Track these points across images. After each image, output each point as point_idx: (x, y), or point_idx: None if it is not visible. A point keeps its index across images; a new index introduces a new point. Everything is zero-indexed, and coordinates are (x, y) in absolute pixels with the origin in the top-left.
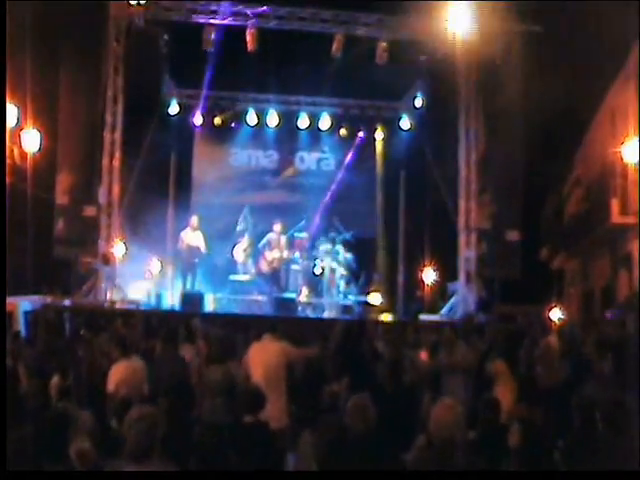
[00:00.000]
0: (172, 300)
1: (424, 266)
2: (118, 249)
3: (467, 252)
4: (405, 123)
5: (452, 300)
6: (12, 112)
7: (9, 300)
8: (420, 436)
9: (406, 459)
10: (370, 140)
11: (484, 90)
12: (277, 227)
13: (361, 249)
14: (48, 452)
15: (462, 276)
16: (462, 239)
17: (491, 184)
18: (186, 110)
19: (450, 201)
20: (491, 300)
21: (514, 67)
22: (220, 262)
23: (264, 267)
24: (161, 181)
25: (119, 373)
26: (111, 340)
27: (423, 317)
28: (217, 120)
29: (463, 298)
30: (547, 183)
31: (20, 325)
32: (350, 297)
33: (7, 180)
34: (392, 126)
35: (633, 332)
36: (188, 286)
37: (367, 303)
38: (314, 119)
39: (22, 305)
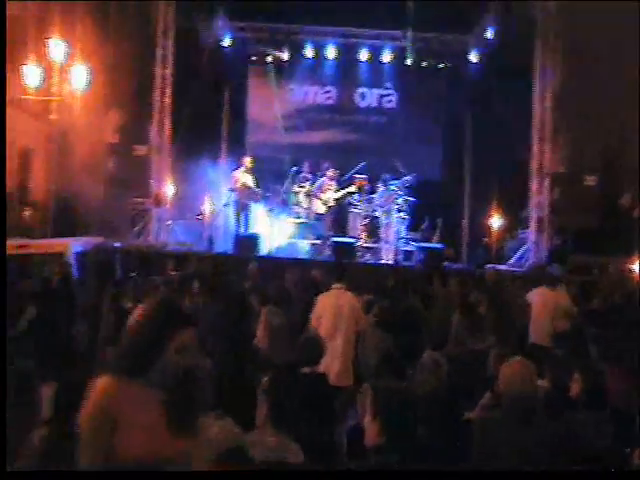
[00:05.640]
0: (225, 243)
1: (491, 212)
2: (169, 189)
3: (539, 198)
4: (474, 57)
5: (522, 249)
6: (60, 48)
7: (60, 241)
8: (486, 394)
9: (470, 418)
10: (436, 76)
11: (565, 23)
12: (331, 169)
13: (423, 193)
14: None
15: (533, 224)
16: (534, 184)
17: (568, 125)
18: (240, 44)
19: (521, 142)
20: (565, 250)
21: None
22: (275, 204)
23: (319, 208)
24: (214, 118)
25: None
26: (163, 283)
27: (489, 267)
28: (272, 54)
29: (534, 247)
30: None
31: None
32: (411, 243)
33: (55, 117)
34: (460, 61)
35: None
36: (242, 229)
37: (429, 250)
38: (376, 53)
39: (73, 246)
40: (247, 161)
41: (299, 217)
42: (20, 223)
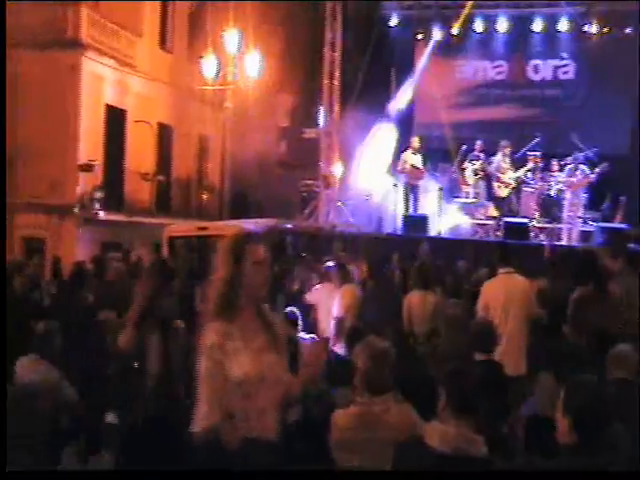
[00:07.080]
0: (394, 224)
1: None
2: (338, 171)
3: None
4: None
5: None
6: (235, 38)
7: (236, 223)
8: None
9: None
10: (620, 41)
11: None
12: (506, 147)
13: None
14: None
15: None
16: None
17: None
18: (406, 22)
19: None
20: None
21: None
22: (444, 184)
23: (499, 190)
24: (381, 99)
25: (345, 298)
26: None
27: None
28: (440, 31)
29: None
30: None
31: None
32: (591, 223)
33: (230, 105)
34: None
35: None
36: (411, 209)
37: (611, 230)
38: (551, 22)
39: (246, 227)
40: (415, 141)
41: (468, 196)
42: (199, 206)
